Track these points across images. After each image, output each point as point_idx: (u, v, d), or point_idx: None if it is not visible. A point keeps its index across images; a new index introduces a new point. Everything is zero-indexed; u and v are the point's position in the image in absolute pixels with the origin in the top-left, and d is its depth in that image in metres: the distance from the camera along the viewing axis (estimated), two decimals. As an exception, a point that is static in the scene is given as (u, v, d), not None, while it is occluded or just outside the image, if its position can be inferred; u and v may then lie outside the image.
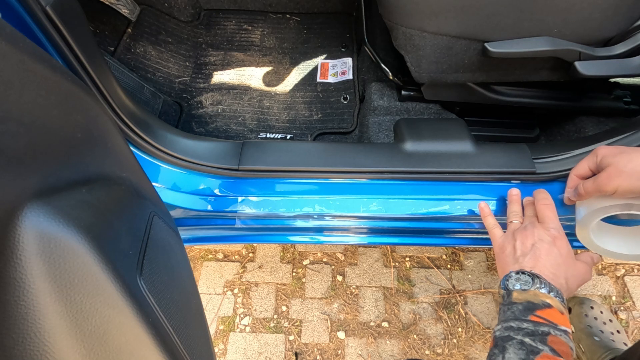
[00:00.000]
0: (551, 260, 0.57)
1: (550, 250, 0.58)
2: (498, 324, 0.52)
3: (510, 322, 0.50)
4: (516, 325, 0.49)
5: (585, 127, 0.90)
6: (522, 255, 0.58)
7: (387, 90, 0.99)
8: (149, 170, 0.70)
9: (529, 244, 0.59)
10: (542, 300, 0.51)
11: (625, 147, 0.57)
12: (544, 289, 0.52)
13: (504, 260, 0.61)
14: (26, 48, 0.29)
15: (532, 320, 0.49)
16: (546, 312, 0.50)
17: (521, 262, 0.58)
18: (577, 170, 0.63)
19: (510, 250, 0.60)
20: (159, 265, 0.41)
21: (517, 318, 0.50)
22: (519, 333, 0.48)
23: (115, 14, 1.14)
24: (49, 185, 0.30)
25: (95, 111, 0.38)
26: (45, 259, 0.28)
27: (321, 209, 0.73)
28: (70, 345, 0.29)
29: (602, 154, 0.58)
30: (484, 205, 0.70)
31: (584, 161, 0.61)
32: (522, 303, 0.51)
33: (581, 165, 0.62)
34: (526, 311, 0.50)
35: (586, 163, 0.61)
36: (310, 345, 1.11)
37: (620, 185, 0.54)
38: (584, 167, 0.61)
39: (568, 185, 0.65)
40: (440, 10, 0.69)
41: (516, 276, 0.55)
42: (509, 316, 0.51)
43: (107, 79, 0.62)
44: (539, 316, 0.49)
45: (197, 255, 1.26)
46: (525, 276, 0.54)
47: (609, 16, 0.68)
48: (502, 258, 0.61)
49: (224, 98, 1.13)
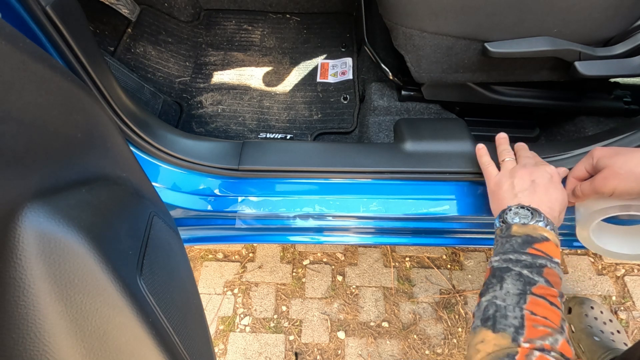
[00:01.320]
0: (549, 195, 0.58)
1: (549, 185, 0.59)
2: (495, 255, 0.54)
3: (509, 254, 0.52)
4: (515, 257, 0.51)
5: (585, 127, 0.90)
6: (520, 190, 0.59)
7: (387, 90, 0.99)
8: (149, 170, 0.70)
9: (529, 180, 0.60)
10: (540, 234, 0.53)
11: (620, 148, 0.57)
12: (542, 223, 0.54)
13: (501, 195, 0.61)
14: (26, 48, 0.29)
15: (530, 252, 0.51)
16: (544, 245, 0.52)
17: (520, 197, 0.58)
18: (574, 173, 0.63)
19: (509, 186, 0.61)
20: (159, 265, 0.41)
21: (516, 251, 0.52)
22: (517, 265, 0.50)
23: (115, 14, 1.14)
24: (49, 185, 0.30)
25: (95, 111, 0.38)
26: (45, 259, 0.28)
27: (321, 209, 0.73)
28: (70, 345, 0.29)
29: (598, 156, 0.58)
30: (481, 146, 0.71)
31: (581, 163, 0.62)
32: (522, 236, 0.53)
33: (578, 167, 0.62)
34: (525, 244, 0.52)
35: (582, 165, 0.61)
36: (310, 345, 1.11)
37: (617, 187, 0.54)
38: (581, 169, 0.61)
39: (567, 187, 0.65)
40: (440, 10, 0.69)
41: (515, 210, 0.56)
42: (508, 249, 0.53)
43: (107, 79, 0.62)
44: (537, 249, 0.51)
45: (197, 255, 1.26)
46: (524, 210, 0.56)
47: (609, 16, 0.68)
48: (499, 194, 0.62)
49: (224, 98, 1.13)
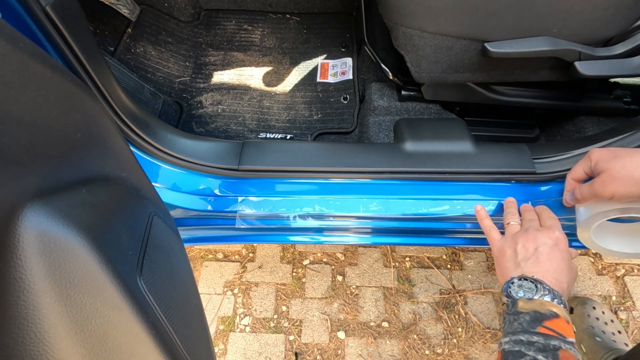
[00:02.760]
0: (554, 265, 0.55)
1: (553, 254, 0.56)
2: (505, 336, 0.50)
3: (519, 335, 0.48)
4: (526, 339, 0.47)
5: (585, 127, 0.90)
6: (523, 259, 0.56)
7: (387, 90, 0.99)
8: (149, 170, 0.70)
9: (532, 248, 0.57)
10: (549, 309, 0.49)
11: (618, 150, 0.56)
12: (548, 297, 0.51)
13: (504, 264, 0.58)
14: (26, 48, 0.29)
15: (542, 332, 0.47)
16: (554, 322, 0.48)
17: (523, 267, 0.55)
18: (573, 174, 0.62)
19: (511, 253, 0.58)
20: (159, 265, 0.41)
21: (526, 330, 0.48)
22: (530, 348, 0.46)
23: (115, 14, 1.14)
24: (49, 185, 0.30)
25: (95, 111, 0.38)
26: (45, 259, 0.28)
27: (321, 209, 0.73)
28: (70, 345, 0.29)
29: (596, 159, 0.57)
30: (480, 208, 0.69)
31: (579, 165, 0.61)
32: (529, 313, 0.50)
33: (576, 170, 0.61)
34: (534, 322, 0.49)
35: (581, 167, 0.60)
36: (310, 345, 1.11)
37: (617, 191, 0.53)
38: (579, 170, 0.60)
39: (566, 189, 0.65)
40: (440, 10, 0.69)
41: (519, 282, 0.53)
42: (517, 328, 0.49)
43: (107, 79, 0.62)
44: (547, 327, 0.48)
45: (197, 255, 1.26)
46: (528, 282, 0.53)
47: (609, 16, 0.68)
48: (502, 262, 0.59)
49: (224, 98, 1.13)
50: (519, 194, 0.73)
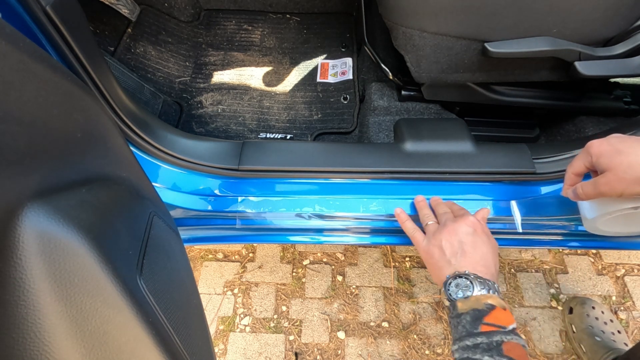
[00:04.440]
0: (479, 252, 0.56)
1: (475, 241, 0.57)
2: (454, 344, 0.51)
3: (465, 340, 0.49)
4: (471, 342, 0.48)
5: (585, 127, 0.90)
6: (452, 255, 0.57)
7: (387, 90, 0.99)
8: (149, 170, 0.70)
9: (456, 241, 0.58)
10: (484, 303, 0.50)
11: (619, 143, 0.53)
12: (483, 290, 0.52)
13: (434, 264, 0.59)
14: (26, 48, 0.29)
15: (484, 331, 0.48)
16: (492, 315, 0.49)
17: (454, 263, 0.56)
18: (573, 168, 0.60)
19: (439, 252, 0.59)
20: (159, 265, 0.41)
21: (470, 334, 0.49)
22: (477, 352, 0.47)
23: (115, 14, 1.14)
24: (49, 185, 0.30)
25: (95, 111, 0.38)
26: (45, 259, 0.28)
27: (321, 209, 0.73)
28: (70, 345, 0.29)
29: (596, 153, 0.55)
30: (400, 212, 0.69)
31: (579, 159, 0.58)
32: (469, 313, 0.51)
33: (576, 164, 0.59)
34: (475, 322, 0.50)
35: (581, 161, 0.58)
36: (310, 345, 1.11)
37: (625, 191, 0.52)
38: (580, 165, 0.58)
39: (566, 182, 0.62)
40: (440, 10, 0.69)
41: (455, 281, 0.54)
42: (462, 332, 0.50)
43: (107, 79, 0.62)
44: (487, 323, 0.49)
45: (197, 255, 1.26)
46: (462, 280, 0.53)
47: (608, 16, 0.68)
48: (432, 263, 0.60)
49: (224, 98, 1.13)
50: (519, 194, 0.73)
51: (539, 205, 0.73)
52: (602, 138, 0.55)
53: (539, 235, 0.81)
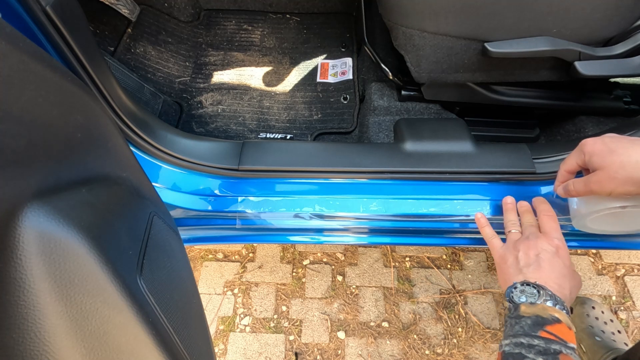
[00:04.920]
0: (556, 271, 0.55)
1: (554, 260, 0.56)
2: (505, 338, 0.50)
3: (520, 337, 0.48)
4: (527, 341, 0.48)
5: (585, 127, 0.90)
6: (525, 265, 0.57)
7: (387, 90, 0.99)
8: (149, 170, 0.70)
9: (533, 255, 0.57)
10: (551, 314, 0.50)
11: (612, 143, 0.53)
12: (550, 302, 0.51)
13: (506, 270, 0.59)
14: (26, 48, 0.29)
15: (543, 336, 0.48)
16: (556, 327, 0.48)
17: (525, 273, 0.56)
18: (566, 166, 0.60)
19: (513, 260, 0.59)
20: (159, 265, 0.41)
21: (527, 334, 0.48)
22: (531, 351, 0.47)
23: (115, 14, 1.14)
24: (49, 185, 0.30)
25: (95, 111, 0.38)
26: (45, 259, 0.28)
27: (321, 209, 0.73)
28: (70, 345, 0.29)
29: (590, 152, 0.55)
30: (480, 216, 0.69)
31: (572, 157, 0.58)
32: (531, 317, 0.50)
33: (569, 161, 0.59)
34: (536, 326, 0.49)
35: (574, 159, 0.58)
36: (310, 345, 1.11)
37: (615, 190, 0.52)
38: (572, 163, 0.58)
39: (558, 179, 0.62)
40: (440, 10, 0.69)
41: (521, 287, 0.54)
42: (518, 331, 0.49)
43: (107, 79, 0.62)
44: (549, 332, 0.48)
45: (197, 255, 1.26)
46: (530, 288, 0.53)
47: (608, 16, 0.68)
48: (504, 269, 0.60)
49: (224, 98, 1.13)
50: (519, 194, 0.73)
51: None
52: (597, 137, 0.55)
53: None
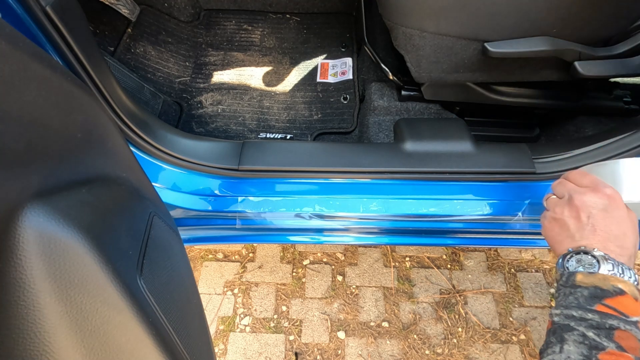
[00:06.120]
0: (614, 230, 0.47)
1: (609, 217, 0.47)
2: (557, 308, 0.45)
3: (572, 309, 0.43)
4: (579, 315, 0.42)
5: (585, 127, 0.90)
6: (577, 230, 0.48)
7: (387, 90, 0.99)
8: (149, 170, 0.70)
9: (584, 216, 0.48)
10: (612, 285, 0.43)
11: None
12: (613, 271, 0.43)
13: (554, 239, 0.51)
14: (26, 48, 0.29)
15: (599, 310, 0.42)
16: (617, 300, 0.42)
17: (578, 240, 0.48)
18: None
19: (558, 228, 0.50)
20: (159, 265, 0.41)
21: (581, 306, 0.42)
22: (581, 324, 0.41)
23: (115, 14, 1.14)
24: (49, 185, 0.30)
25: (95, 111, 0.38)
26: (45, 259, 0.28)
27: (321, 209, 0.73)
28: (71, 345, 0.29)
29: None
30: None
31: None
32: (588, 288, 0.43)
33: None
34: (592, 299, 0.42)
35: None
36: (310, 345, 1.11)
37: None
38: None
39: None
40: (440, 10, 0.69)
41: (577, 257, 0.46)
42: (571, 302, 0.43)
43: (107, 79, 0.62)
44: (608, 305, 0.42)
45: (197, 255, 1.26)
46: (588, 257, 0.45)
47: (608, 16, 0.68)
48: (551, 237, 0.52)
49: (224, 98, 1.13)
50: (519, 194, 0.73)
51: (539, 205, 0.73)
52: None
53: (539, 235, 0.81)
